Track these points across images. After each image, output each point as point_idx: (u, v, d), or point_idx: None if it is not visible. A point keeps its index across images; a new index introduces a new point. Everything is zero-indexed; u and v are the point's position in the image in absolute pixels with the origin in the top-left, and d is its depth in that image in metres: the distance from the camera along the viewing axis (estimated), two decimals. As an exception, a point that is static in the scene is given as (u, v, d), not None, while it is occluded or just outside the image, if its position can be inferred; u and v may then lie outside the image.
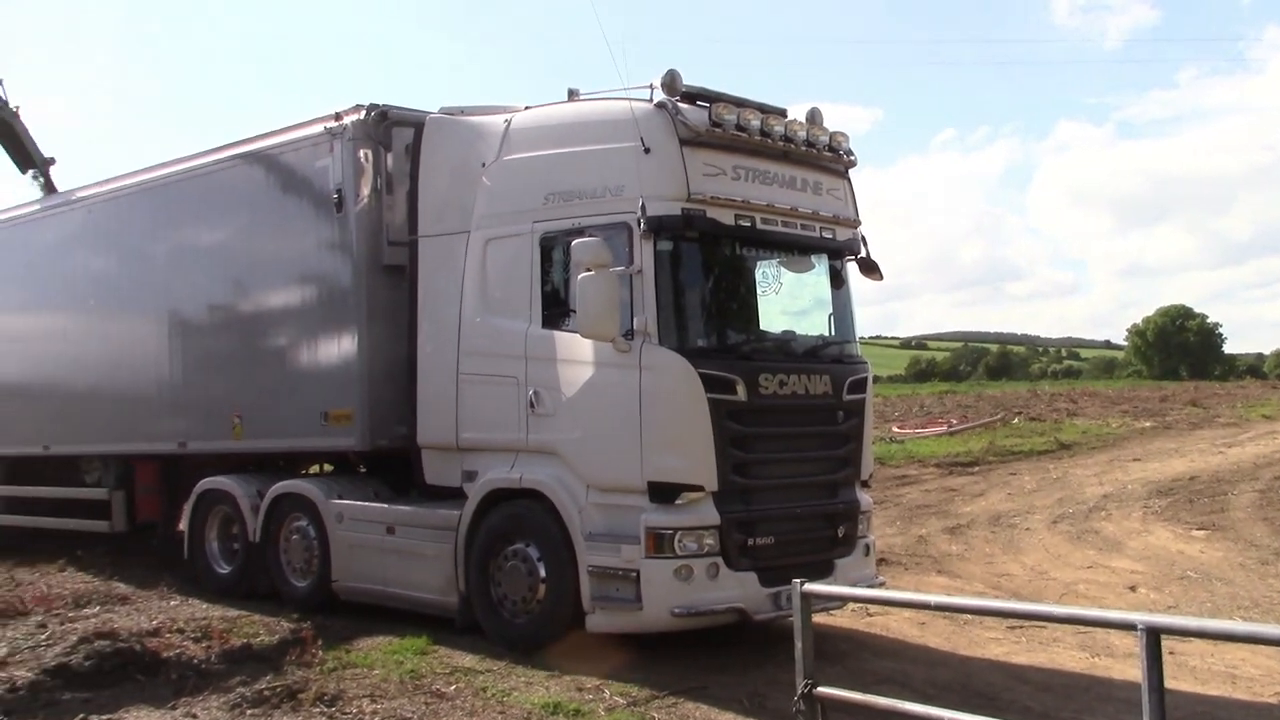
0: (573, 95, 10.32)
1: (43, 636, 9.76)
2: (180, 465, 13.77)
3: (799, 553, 9.41)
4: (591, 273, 8.79)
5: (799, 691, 6.41)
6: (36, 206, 16.58)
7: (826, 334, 10.40)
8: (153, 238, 13.86)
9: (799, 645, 6.45)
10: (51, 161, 18.41)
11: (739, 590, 8.93)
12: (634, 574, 8.72)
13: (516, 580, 9.50)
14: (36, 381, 15.44)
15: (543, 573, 9.33)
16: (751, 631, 9.36)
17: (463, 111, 10.98)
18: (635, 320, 8.92)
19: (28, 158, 18.28)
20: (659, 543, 8.72)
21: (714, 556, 8.85)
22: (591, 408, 9.21)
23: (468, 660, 9.04)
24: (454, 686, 8.18)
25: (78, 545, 14.49)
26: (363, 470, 11.97)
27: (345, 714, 7.47)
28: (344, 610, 10.89)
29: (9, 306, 16.15)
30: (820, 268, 10.48)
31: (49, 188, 18.18)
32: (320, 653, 9.07)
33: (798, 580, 6.57)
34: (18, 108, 18.10)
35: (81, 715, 7.41)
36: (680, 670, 8.67)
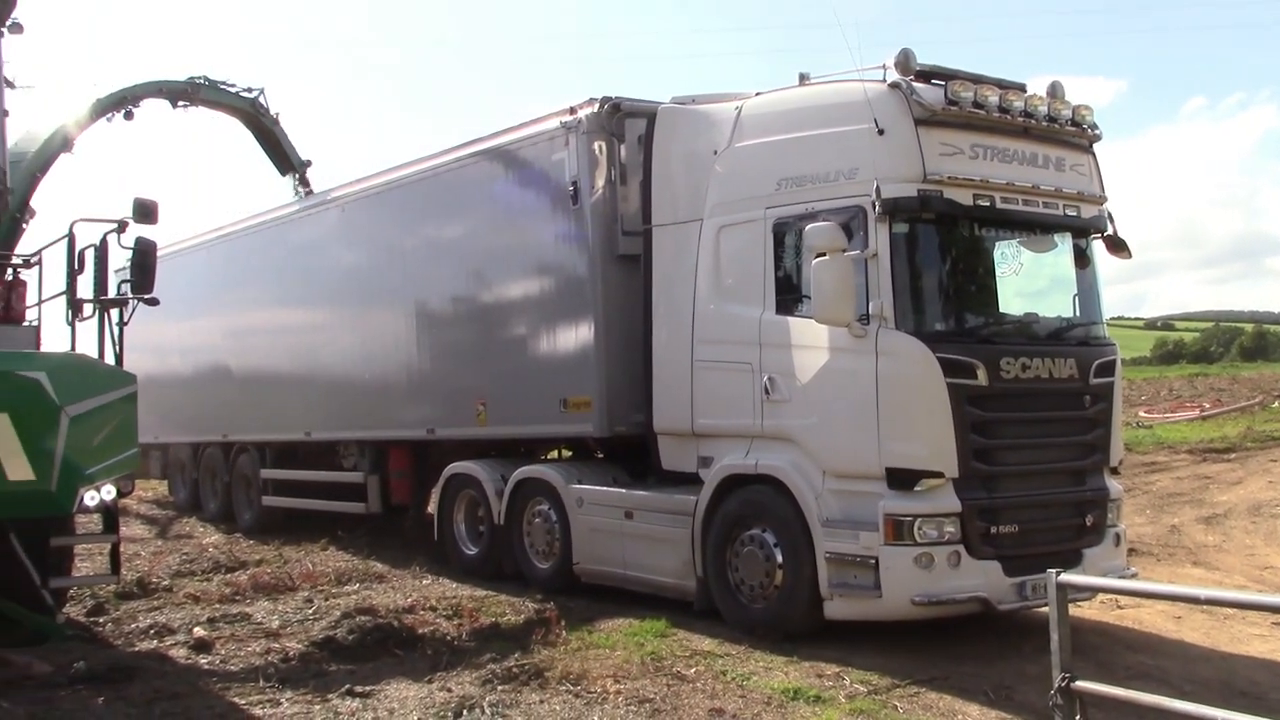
0: (804, 79, 10.25)
1: (310, 611, 10.43)
2: (429, 451, 14.40)
3: (1045, 542, 9.11)
4: (826, 257, 8.74)
5: (1055, 685, 6.21)
6: (295, 207, 17.65)
7: (1071, 315, 10.03)
8: (400, 233, 14.53)
9: (1054, 637, 6.25)
10: (308, 164, 19.60)
11: (982, 579, 8.72)
12: (873, 561, 8.64)
13: (753, 565, 9.54)
14: (299, 372, 16.41)
15: (779, 558, 9.34)
16: (992, 622, 9.13)
17: (694, 100, 11.06)
18: (871, 305, 8.81)
19: (287, 161, 19.51)
20: (898, 530, 8.60)
21: (955, 544, 8.67)
22: (827, 393, 9.15)
23: (706, 644, 9.13)
24: (694, 669, 8.28)
25: (338, 526, 15.36)
26: (600, 456, 12.22)
27: (590, 693, 7.67)
28: (584, 591, 11.18)
29: (272, 302, 17.24)
30: (1063, 246, 10.11)
31: (305, 189, 19.35)
32: (564, 633, 9.34)
33: (1053, 570, 6.36)
34: (278, 115, 19.33)
35: (346, 686, 7.84)
36: (920, 659, 8.54)
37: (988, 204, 9.16)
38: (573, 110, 11.70)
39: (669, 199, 10.84)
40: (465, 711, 7.24)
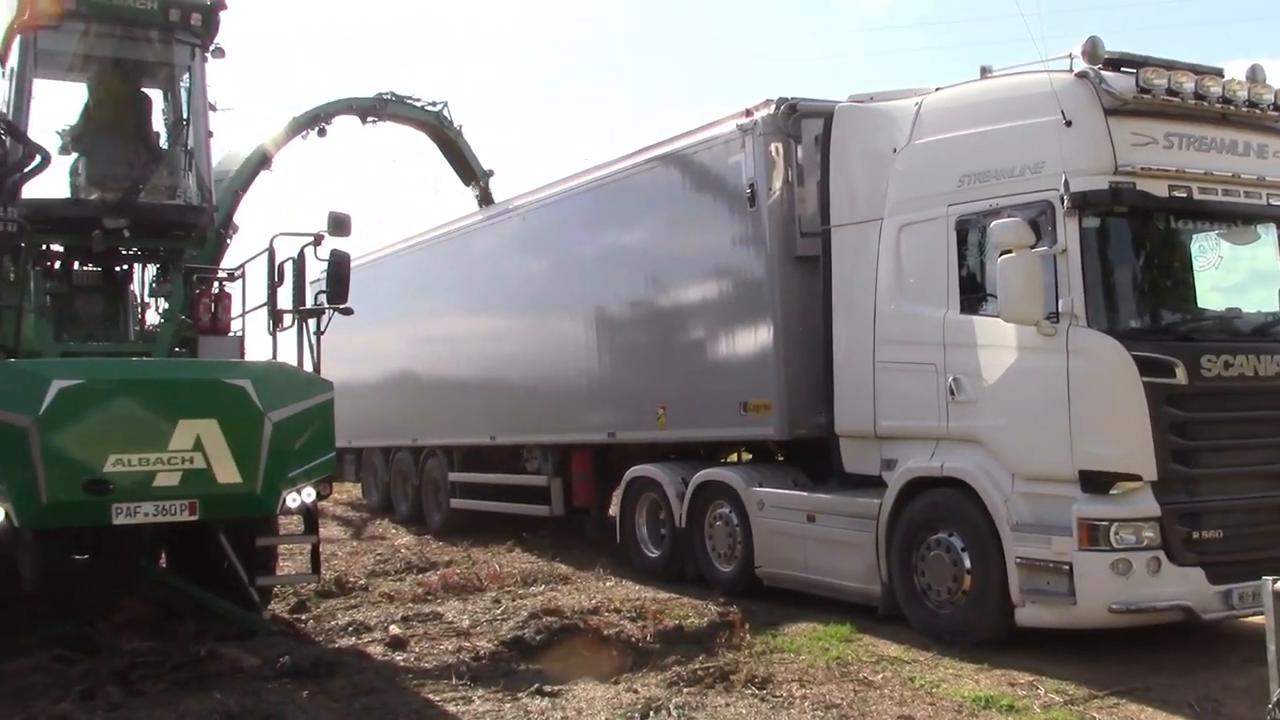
0: (985, 72, 10.03)
1: (498, 611, 10.65)
2: (610, 454, 14.58)
3: (1254, 548, 8.63)
4: (1012, 254, 8.52)
5: (1275, 699, 5.88)
6: (478, 216, 18.12)
7: (1276, 310, 9.52)
8: (579, 240, 14.76)
9: (1271, 649, 5.89)
10: (490, 174, 20.06)
11: (1184, 587, 8.34)
12: (1066, 567, 8.36)
13: (940, 570, 9.35)
14: (483, 377, 16.83)
15: (967, 563, 9.13)
16: (1192, 631, 8.73)
17: (871, 98, 10.93)
18: (1060, 302, 8.55)
19: (470, 172, 20.01)
20: (1093, 534, 8.31)
21: (1154, 550, 8.32)
22: (1016, 394, 8.91)
23: (892, 649, 9.00)
24: (881, 675, 8.16)
25: (522, 528, 15.68)
26: (781, 459, 12.17)
27: (775, 697, 7.63)
28: (766, 594, 11.14)
29: (457, 309, 17.73)
30: (1267, 237, 9.63)
31: (487, 199, 19.82)
32: (748, 636, 9.32)
33: (1269, 577, 6.04)
34: (461, 126, 19.85)
35: (535, 685, 7.98)
36: (1117, 669, 8.22)
37: (1184, 195, 8.78)
38: (748, 113, 11.70)
39: (847, 199, 10.73)
40: (652, 713, 7.28)
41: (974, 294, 9.38)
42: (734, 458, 13.28)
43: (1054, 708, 7.39)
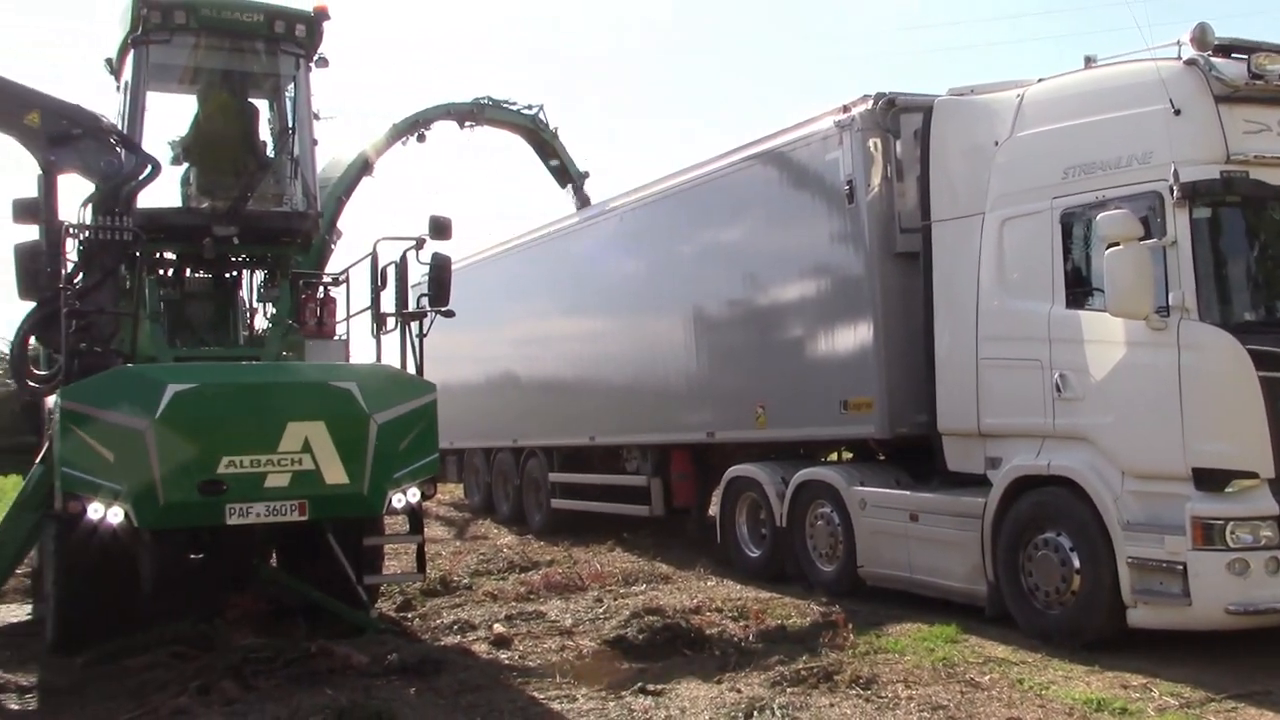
0: (1089, 62, 9.82)
1: (600, 610, 10.72)
2: (710, 453, 14.57)
3: (1378, 547, 8.34)
4: (1120, 247, 8.32)
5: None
6: (575, 218, 18.24)
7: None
8: (676, 239, 14.79)
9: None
10: (586, 176, 20.17)
11: (1305, 588, 8.09)
12: (1180, 567, 8.14)
13: (1048, 570, 9.17)
14: (582, 378, 16.94)
15: (1076, 563, 8.94)
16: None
17: (972, 91, 10.77)
18: (1170, 295, 8.33)
19: (566, 174, 20.14)
20: (1208, 534, 8.08)
21: (1273, 550, 8.06)
22: (1125, 390, 8.71)
23: (1000, 650, 8.85)
24: (988, 676, 8.03)
25: (622, 528, 15.74)
26: (882, 458, 12.05)
27: (880, 697, 7.56)
28: (868, 594, 11.04)
29: (556, 310, 17.87)
30: (1394, 227, 9.27)
31: (583, 200, 19.93)
32: (851, 636, 9.24)
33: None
34: (557, 129, 19.99)
35: (639, 684, 8.02)
36: (1234, 671, 7.99)
37: (1300, 183, 8.50)
38: (846, 108, 11.61)
39: (948, 193, 10.59)
40: (755, 713, 7.26)
41: (1080, 288, 9.19)
42: (834, 457, 13.19)
43: (1169, 711, 7.20)
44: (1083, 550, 8.89)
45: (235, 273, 11.15)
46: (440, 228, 10.15)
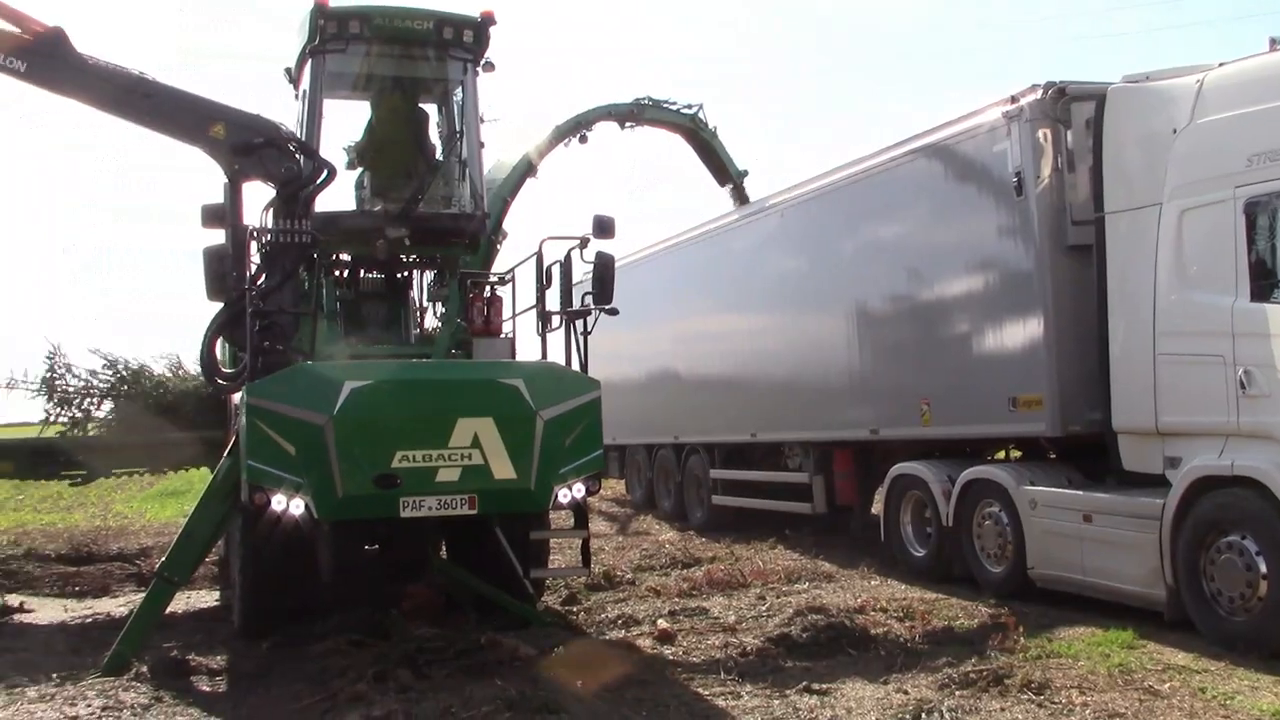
0: (1275, 44, 9.39)
1: (763, 608, 10.71)
2: (872, 451, 14.41)
3: None
4: (1311, 237, 7.94)
5: None
6: (735, 216, 18.25)
7: None
8: (837, 235, 14.66)
9: None
10: (745, 174, 20.16)
11: None
12: (1377, 574, 7.73)
13: (1231, 575, 8.79)
14: (743, 375, 16.95)
15: (1263, 568, 8.55)
16: None
17: (1146, 78, 10.40)
18: (1367, 287, 7.91)
19: (725, 172, 20.16)
20: None
21: None
22: (1317, 387, 8.30)
23: (1180, 657, 8.52)
24: (1168, 684, 7.74)
25: (784, 525, 15.68)
26: (1052, 456, 11.72)
27: (1053, 703, 7.36)
28: (1038, 596, 10.76)
29: (716, 308, 17.91)
30: None
31: (743, 198, 19.93)
32: (1022, 639, 9.02)
33: None
34: (716, 128, 20.03)
35: (804, 683, 7.97)
36: None
37: None
38: (1014, 99, 11.35)
39: (1123, 184, 10.24)
40: (923, 715, 7.15)
41: (1266, 280, 8.78)
42: (1001, 455, 12.90)
43: (1368, 725, 6.85)
44: (1270, 555, 8.51)
45: (406, 273, 11.47)
46: (604, 227, 10.25)
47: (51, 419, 14.50)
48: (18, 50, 9.81)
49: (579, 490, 9.37)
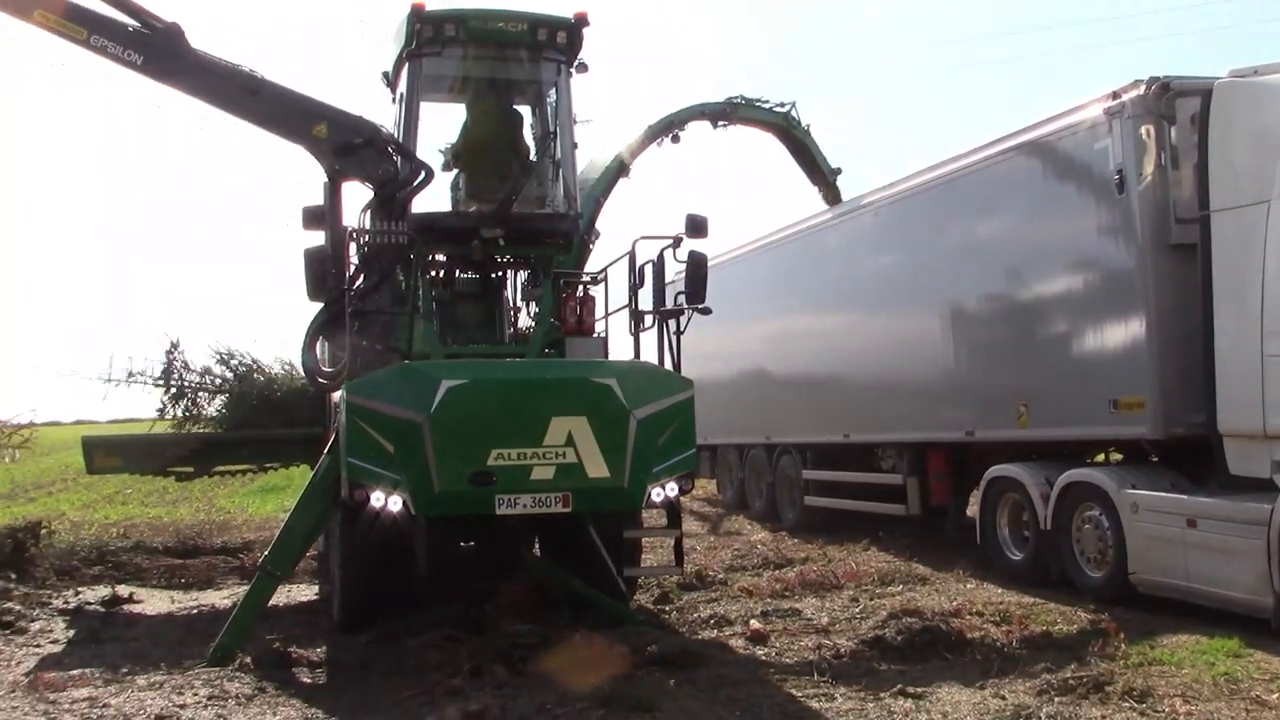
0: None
1: (856, 610, 10.64)
2: (968, 452, 14.22)
3: None
4: None
5: None
6: (828, 214, 18.14)
7: None
8: (933, 234, 14.50)
9: None
10: (838, 172, 20.04)
11: None
12: None
13: (1344, 582, 8.55)
14: (835, 375, 16.84)
15: (1378, 576, 8.30)
16: None
17: (1255, 72, 10.13)
18: None
19: (818, 171, 20.05)
20: None
21: None
22: None
23: (1289, 667, 8.30)
24: (1276, 694, 7.51)
25: (878, 526, 15.54)
26: (1154, 459, 11.47)
27: (1156, 712, 7.21)
28: (1139, 602, 10.53)
29: (808, 307, 17.82)
30: None
31: (835, 197, 19.80)
32: (1123, 646, 8.85)
33: None
34: (809, 126, 19.93)
35: (898, 686, 7.90)
36: None
37: None
38: (1115, 95, 11.15)
39: (1230, 181, 9.99)
40: (1021, 720, 7.07)
41: (1383, 279, 8.51)
42: (1101, 457, 12.65)
43: None
44: (1385, 563, 8.24)
45: (501, 273, 11.59)
46: (697, 226, 10.26)
47: (166, 413, 14.98)
48: (136, 44, 10.22)
49: (672, 489, 9.38)
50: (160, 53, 10.27)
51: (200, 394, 15.16)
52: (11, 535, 14.60)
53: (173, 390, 15.09)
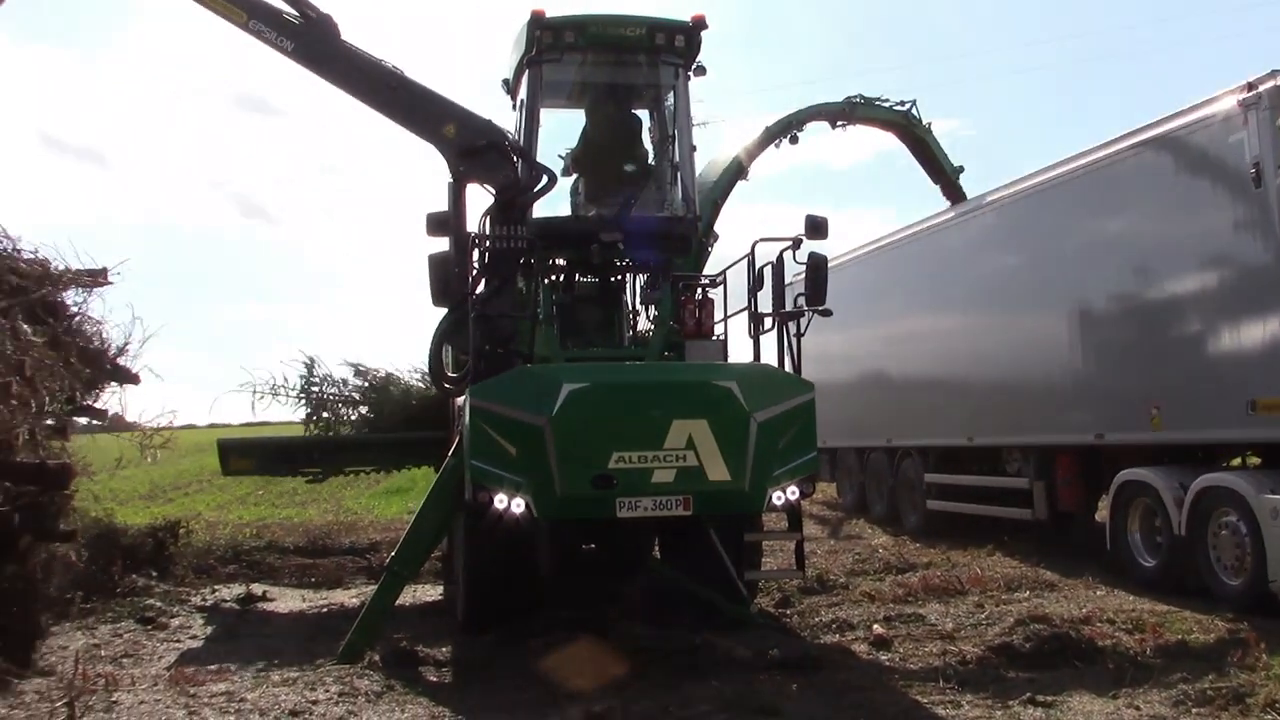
0: None
1: (982, 616, 10.44)
2: (1097, 456, 13.86)
3: None
4: None
5: None
6: (950, 214, 17.86)
7: None
8: (1057, 232, 14.18)
9: None
10: (960, 170, 19.72)
11: None
12: None
13: None
14: (957, 377, 16.56)
15: None
16: None
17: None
18: None
19: (939, 169, 19.76)
20: None
21: None
22: None
23: None
24: None
25: (1003, 531, 15.24)
26: (1301, 462, 11.05)
27: (1298, 725, 6.95)
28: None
29: (929, 308, 17.57)
30: None
31: (957, 195, 19.48)
32: (1265, 656, 8.49)
33: None
34: (930, 124, 19.67)
35: (1027, 694, 7.72)
36: None
37: None
38: (1250, 86, 10.80)
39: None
40: (1156, 731, 6.87)
41: None
42: (1237, 461, 12.23)
43: None
44: None
45: (620, 276, 11.64)
46: (817, 227, 10.19)
47: (312, 425, 15.58)
48: (289, 31, 10.88)
49: (793, 492, 9.30)
50: (311, 41, 10.92)
51: (340, 406, 15.73)
52: (153, 535, 15.18)
53: (313, 404, 15.68)
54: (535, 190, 10.56)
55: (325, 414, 15.66)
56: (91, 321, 11.52)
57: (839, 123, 19.39)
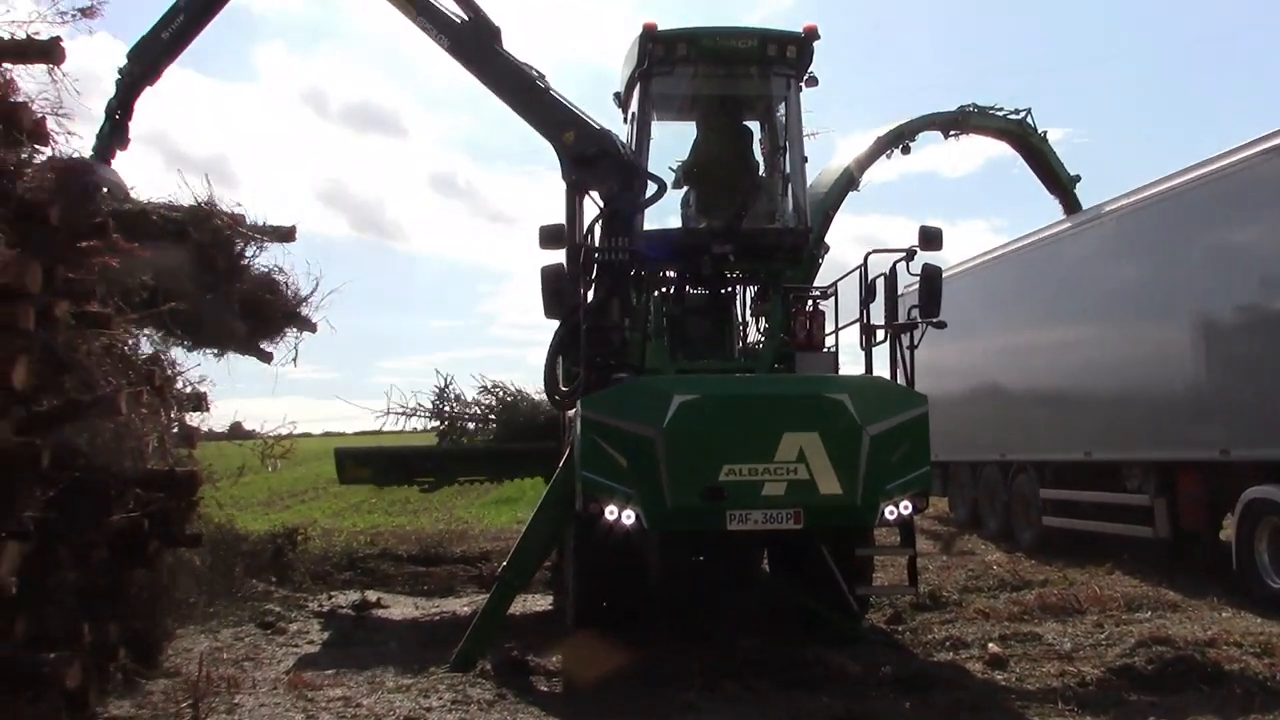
0: None
1: (1101, 636, 10.16)
2: (1222, 472, 13.42)
3: None
4: None
5: None
6: (1067, 224, 17.48)
7: None
8: (1181, 241, 13.80)
9: None
10: (1077, 179, 19.33)
11: None
12: None
13: None
14: (1074, 390, 16.17)
15: None
16: None
17: None
18: None
19: (1055, 179, 19.39)
20: None
21: None
22: None
23: None
24: None
25: (1122, 549, 14.82)
26: None
27: None
28: None
29: (1044, 320, 17.20)
30: None
31: (1074, 206, 19.08)
32: (1406, 684, 8.18)
33: None
34: (1045, 132, 19.32)
35: (1150, 718, 7.52)
36: None
37: None
38: (1390, 89, 10.36)
39: None
40: (1291, 760, 6.61)
41: None
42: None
43: None
44: None
45: (730, 288, 11.62)
46: (931, 238, 10.08)
47: (446, 440, 16.15)
48: (449, 30, 11.54)
49: (906, 507, 9.20)
50: (466, 41, 11.50)
51: (470, 423, 16.30)
52: (272, 541, 15.62)
53: (445, 422, 16.24)
54: (648, 197, 10.59)
55: (456, 430, 16.25)
56: (279, 271, 12.51)
57: (951, 132, 19.13)
